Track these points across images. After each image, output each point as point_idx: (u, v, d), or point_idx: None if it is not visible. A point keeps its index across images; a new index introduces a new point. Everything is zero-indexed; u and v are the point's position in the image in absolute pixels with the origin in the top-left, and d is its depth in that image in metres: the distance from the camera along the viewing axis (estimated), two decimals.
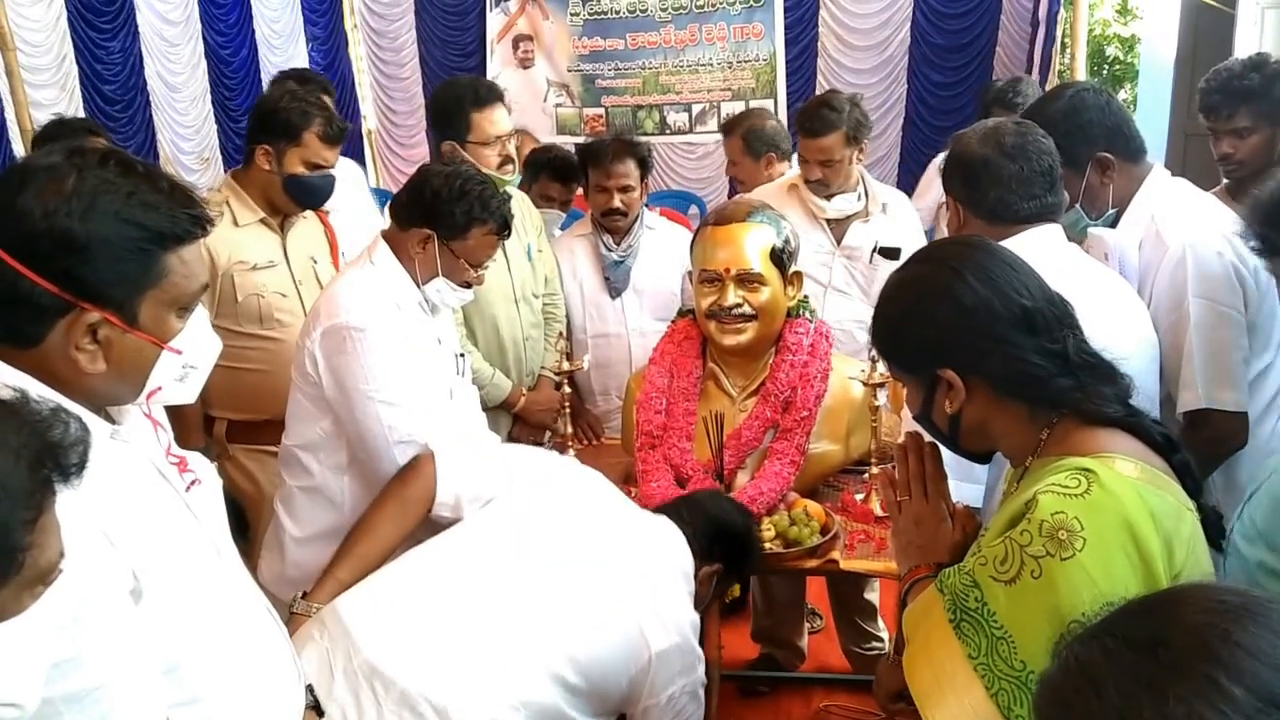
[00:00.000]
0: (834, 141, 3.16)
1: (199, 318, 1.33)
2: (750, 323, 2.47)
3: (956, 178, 2.07)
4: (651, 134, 7.38)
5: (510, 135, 2.97)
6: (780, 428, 2.49)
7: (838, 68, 7.44)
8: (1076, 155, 2.15)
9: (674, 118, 7.64)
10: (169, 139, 6.42)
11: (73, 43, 5.77)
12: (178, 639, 1.27)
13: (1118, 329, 1.81)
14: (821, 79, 7.47)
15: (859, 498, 2.53)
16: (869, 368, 2.45)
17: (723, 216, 2.54)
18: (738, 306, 2.45)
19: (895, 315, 1.48)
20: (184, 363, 1.31)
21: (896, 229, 3.29)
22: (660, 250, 3.34)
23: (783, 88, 7.29)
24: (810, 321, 2.59)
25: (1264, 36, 5.76)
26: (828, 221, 3.25)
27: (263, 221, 2.77)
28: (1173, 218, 2.16)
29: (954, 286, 1.38)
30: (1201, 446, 1.87)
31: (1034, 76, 6.69)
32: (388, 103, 8.09)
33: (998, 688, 1.23)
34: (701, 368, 2.60)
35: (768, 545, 2.28)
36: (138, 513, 1.23)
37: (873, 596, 3.25)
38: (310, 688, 1.56)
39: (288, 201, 2.75)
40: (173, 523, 1.31)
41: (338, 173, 2.84)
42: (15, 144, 5.36)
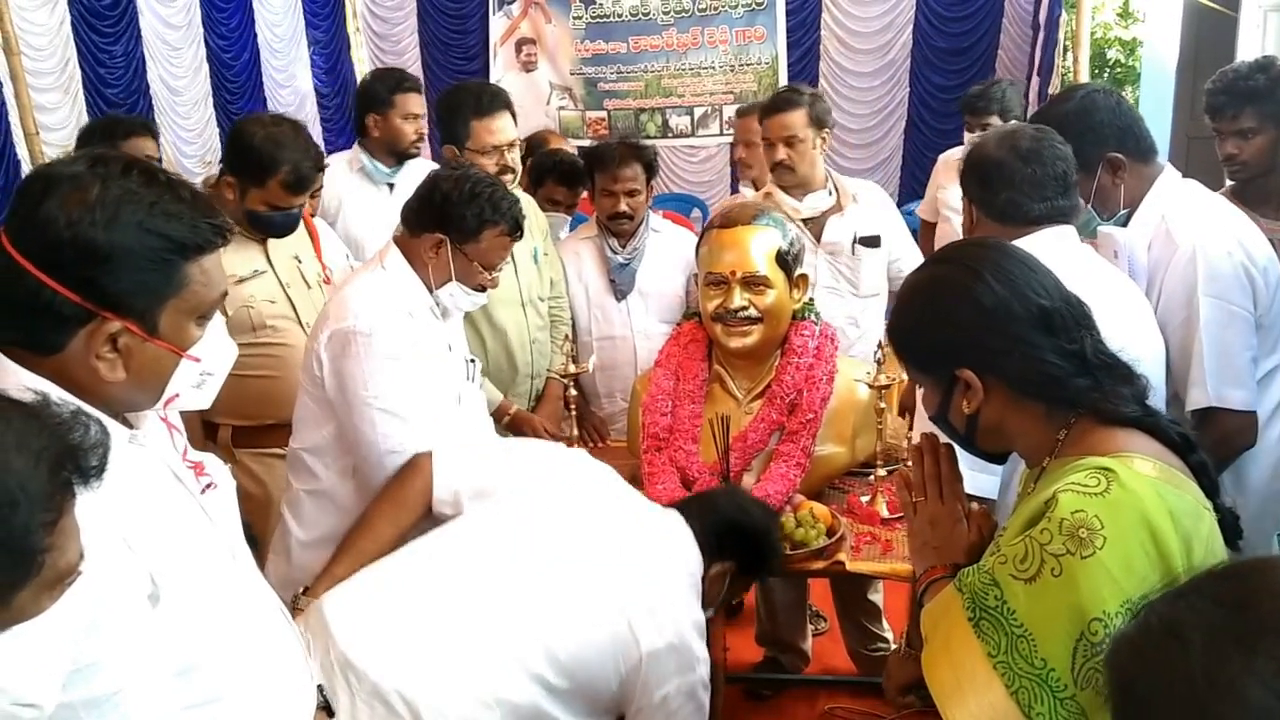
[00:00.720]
0: (797, 119, 3.20)
1: (215, 324, 1.33)
2: (756, 325, 2.48)
3: (972, 179, 2.10)
4: (654, 137, 7.39)
5: (512, 144, 2.97)
6: (786, 430, 2.49)
7: (840, 71, 7.46)
8: (1088, 156, 2.15)
9: (676, 121, 7.66)
10: (171, 142, 6.42)
11: (76, 47, 5.79)
12: (195, 641, 1.27)
13: (1130, 330, 1.82)
14: (824, 82, 7.48)
15: (865, 500, 2.53)
16: (874, 370, 2.45)
17: (728, 219, 2.54)
18: (743, 309, 2.46)
19: (913, 315, 1.48)
20: (201, 370, 1.31)
21: (873, 218, 3.32)
22: (666, 253, 3.34)
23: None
24: (815, 324, 2.59)
25: (1266, 39, 5.76)
26: (804, 221, 3.25)
27: (241, 233, 2.72)
28: (1183, 217, 2.16)
29: (972, 287, 1.39)
30: (1210, 445, 1.87)
31: (1035, 80, 6.71)
32: None
33: (1018, 686, 1.23)
34: (707, 370, 2.60)
35: None
36: (155, 517, 1.24)
37: (876, 598, 3.24)
38: (321, 687, 1.57)
39: (252, 231, 2.72)
40: (189, 526, 1.31)
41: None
42: (19, 147, 5.38)
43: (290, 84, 7.51)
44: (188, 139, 6.58)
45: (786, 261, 2.50)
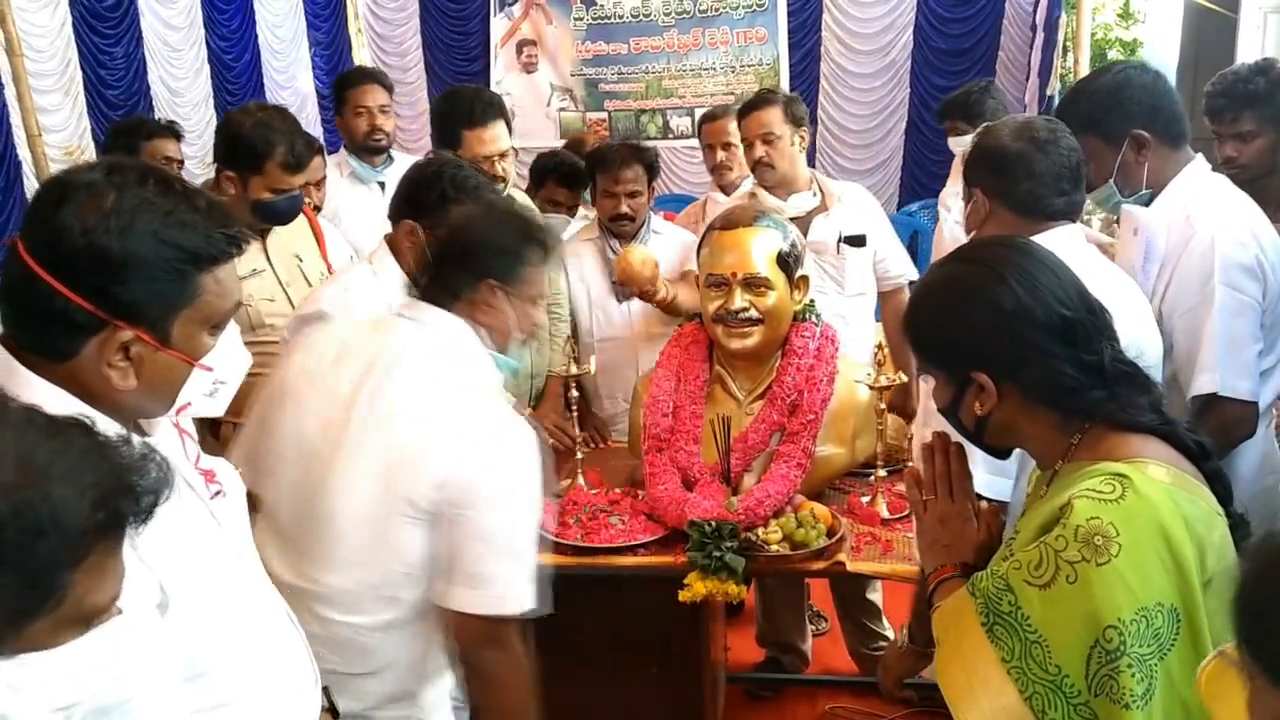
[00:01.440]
0: (773, 116, 3.22)
1: (229, 332, 1.33)
2: (757, 326, 2.48)
3: (985, 169, 2.03)
4: (655, 138, 7.40)
5: (504, 154, 2.98)
6: (786, 431, 2.50)
7: (841, 71, 7.47)
8: (1115, 129, 2.16)
9: (677, 122, 7.67)
10: None
11: (77, 48, 5.80)
12: (204, 647, 1.27)
13: (1139, 330, 1.83)
14: (824, 83, 7.49)
15: (865, 500, 2.53)
16: (874, 371, 2.46)
17: (729, 221, 2.55)
18: (744, 310, 2.46)
19: (933, 312, 1.46)
20: (214, 379, 1.31)
21: (857, 217, 3.33)
22: (667, 254, 3.34)
23: (786, 91, 7.31)
24: (816, 325, 2.60)
25: (1266, 41, 5.76)
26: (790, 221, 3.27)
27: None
28: (1205, 205, 2.17)
29: (996, 291, 1.36)
30: (1211, 433, 1.88)
31: (1034, 80, 6.72)
32: (393, 107, 8.11)
33: (1031, 691, 1.23)
34: (708, 371, 2.61)
35: (775, 548, 2.28)
36: (165, 525, 1.24)
37: (876, 597, 3.25)
38: (327, 690, 1.57)
39: (256, 222, 2.75)
40: (199, 533, 1.32)
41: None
42: (21, 148, 5.38)
43: (291, 85, 7.52)
44: (188, 140, 6.53)
45: (787, 263, 2.51)
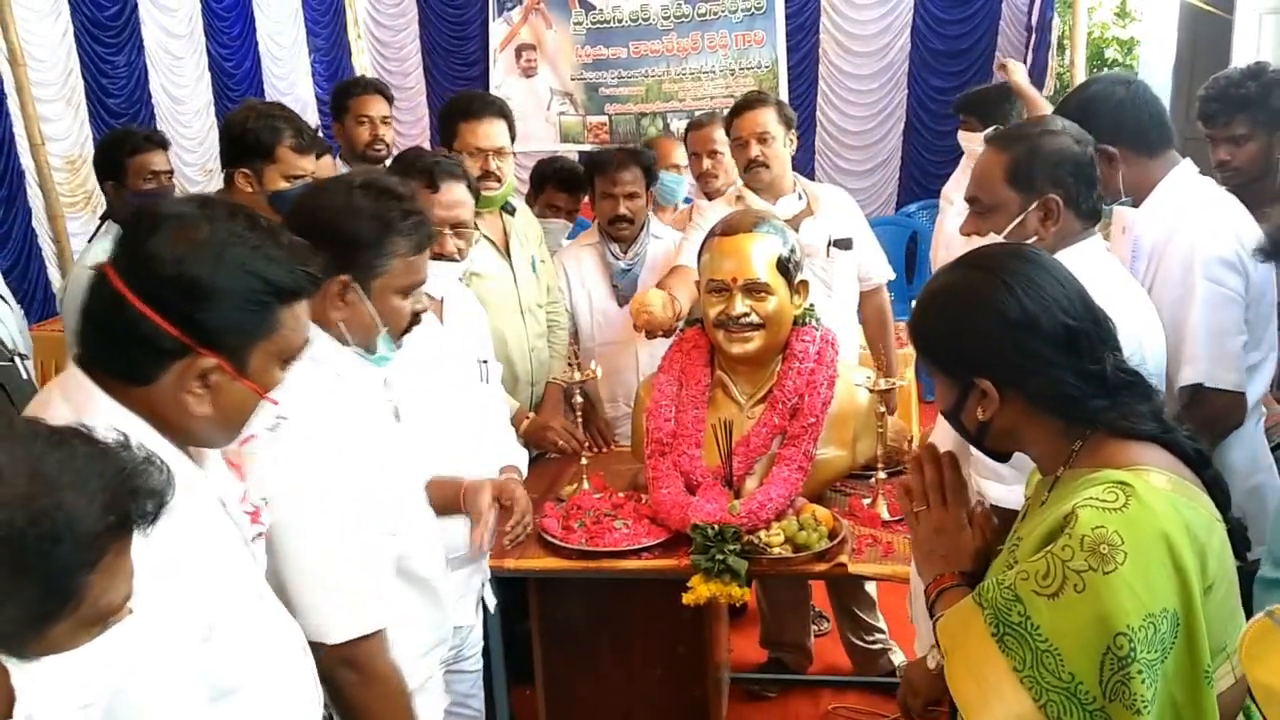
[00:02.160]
0: (768, 116, 3.24)
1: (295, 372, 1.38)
2: (758, 331, 2.51)
3: (1060, 176, 1.92)
4: None
5: (500, 151, 2.96)
6: (788, 434, 2.52)
7: (839, 73, 7.49)
8: None
9: (678, 125, 7.66)
10: (173, 151, 6.43)
11: (79, 57, 5.81)
12: (235, 668, 1.31)
13: (1147, 339, 1.86)
14: (823, 85, 7.52)
15: (866, 502, 2.56)
16: (874, 375, 2.49)
17: (730, 227, 2.57)
18: (745, 315, 2.49)
19: (939, 317, 1.45)
20: (277, 413, 1.36)
21: (844, 221, 3.35)
22: (667, 259, 3.37)
23: (785, 94, 7.34)
24: (816, 329, 2.62)
25: (1262, 42, 5.78)
26: None
27: None
28: (1188, 204, 2.21)
29: (1002, 299, 1.37)
30: (1200, 424, 1.90)
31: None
32: (392, 112, 8.13)
33: (1046, 699, 1.24)
34: (710, 376, 2.63)
35: (777, 550, 2.31)
36: (212, 554, 1.28)
37: (871, 588, 3.26)
38: (330, 716, 1.59)
39: (275, 216, 2.76)
40: (237, 565, 1.35)
41: None
42: (24, 157, 5.40)
43: (292, 92, 7.54)
44: (189, 147, 6.61)
45: (787, 268, 2.53)
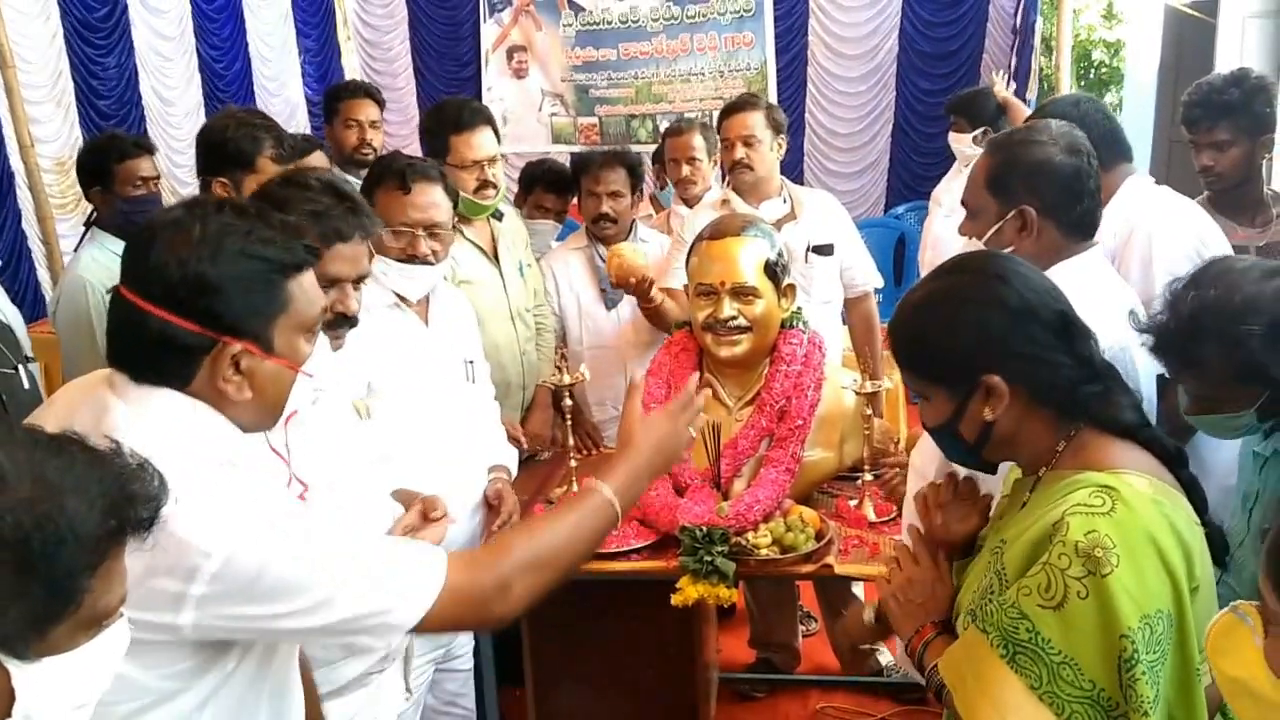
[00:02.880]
0: (756, 119, 3.28)
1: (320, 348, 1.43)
2: (745, 334, 2.52)
3: (1034, 187, 1.89)
4: (645, 143, 7.43)
5: (493, 159, 2.97)
6: (775, 437, 2.54)
7: (827, 76, 7.52)
8: None
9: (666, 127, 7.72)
10: (163, 153, 6.43)
11: (69, 59, 5.82)
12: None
13: (1141, 355, 1.87)
14: (811, 87, 7.54)
15: (853, 504, 2.58)
16: (860, 377, 2.51)
17: (718, 231, 2.59)
18: (733, 319, 2.50)
19: (934, 326, 1.43)
20: (315, 385, 1.42)
21: (826, 226, 3.37)
22: (654, 263, 3.38)
23: (774, 96, 7.37)
24: (804, 332, 2.64)
25: (1245, 46, 5.81)
26: None
27: None
28: (1146, 209, 2.27)
29: (1002, 293, 1.38)
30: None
31: (1011, 86, 6.78)
32: (383, 117, 8.14)
33: (1069, 712, 1.23)
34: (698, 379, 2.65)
35: (764, 551, 2.33)
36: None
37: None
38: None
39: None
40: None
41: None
42: (13, 159, 5.40)
43: (282, 93, 7.55)
44: (180, 149, 6.61)
45: (775, 271, 2.55)
